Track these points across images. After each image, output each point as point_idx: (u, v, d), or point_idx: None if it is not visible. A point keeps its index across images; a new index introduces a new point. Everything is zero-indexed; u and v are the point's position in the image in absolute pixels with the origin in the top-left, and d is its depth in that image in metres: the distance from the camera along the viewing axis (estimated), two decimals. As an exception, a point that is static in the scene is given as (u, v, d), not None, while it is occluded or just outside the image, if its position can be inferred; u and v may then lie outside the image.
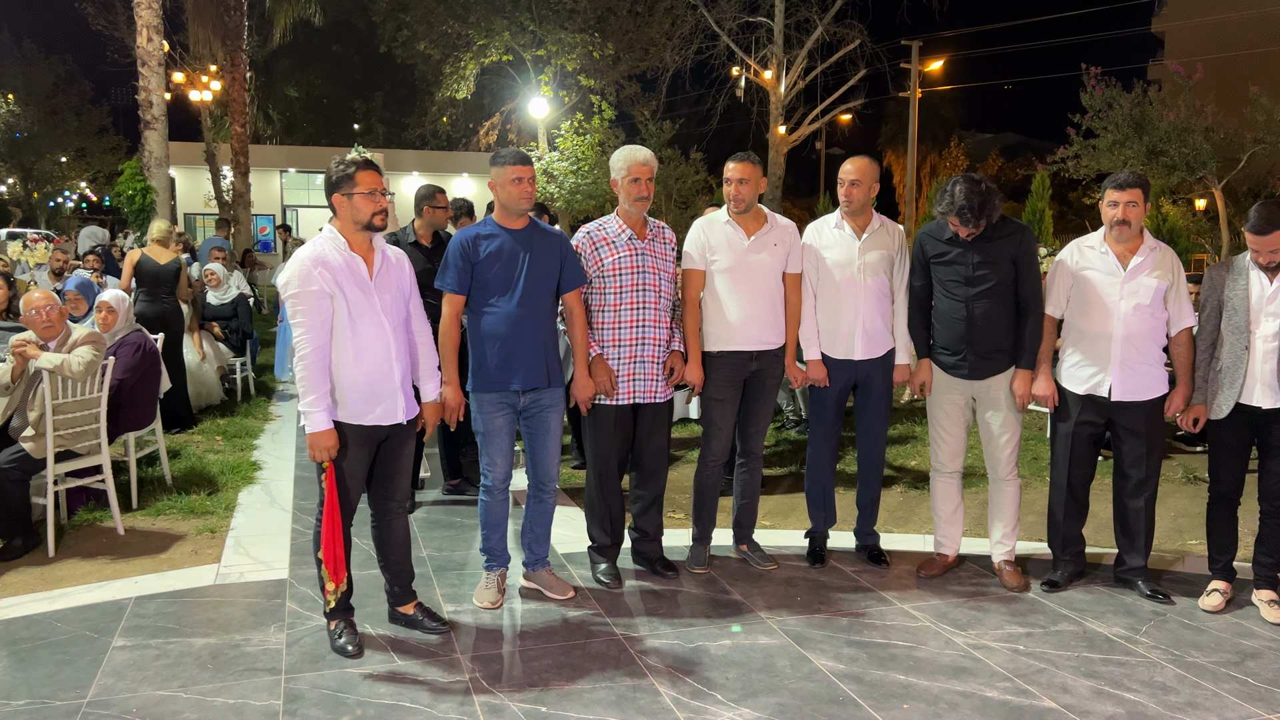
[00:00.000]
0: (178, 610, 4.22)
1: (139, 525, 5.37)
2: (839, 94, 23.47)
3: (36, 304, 5.03)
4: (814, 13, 22.39)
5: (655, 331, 4.42)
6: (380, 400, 3.71)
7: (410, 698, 3.46)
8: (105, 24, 24.10)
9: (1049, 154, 13.99)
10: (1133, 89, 12.85)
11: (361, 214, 3.64)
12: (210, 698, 3.45)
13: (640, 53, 24.60)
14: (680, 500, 5.84)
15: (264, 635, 3.97)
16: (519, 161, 4.09)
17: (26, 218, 42.78)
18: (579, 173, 22.56)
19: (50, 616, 4.14)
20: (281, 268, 7.20)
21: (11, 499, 4.84)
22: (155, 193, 13.37)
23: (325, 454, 3.61)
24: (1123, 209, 4.26)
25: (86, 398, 5.05)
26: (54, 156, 42.57)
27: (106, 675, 3.61)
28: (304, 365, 3.58)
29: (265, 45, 27.07)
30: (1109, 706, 3.46)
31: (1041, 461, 6.81)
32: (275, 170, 33.18)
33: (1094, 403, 4.40)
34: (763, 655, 3.83)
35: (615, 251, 4.37)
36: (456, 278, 4.10)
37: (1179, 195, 14.40)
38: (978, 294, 4.38)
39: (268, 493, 6.06)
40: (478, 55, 25.13)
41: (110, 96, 43.27)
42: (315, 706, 3.39)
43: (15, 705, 3.39)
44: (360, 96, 38.62)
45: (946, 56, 32.97)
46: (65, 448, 4.99)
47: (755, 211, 4.57)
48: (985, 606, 4.34)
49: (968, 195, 4.23)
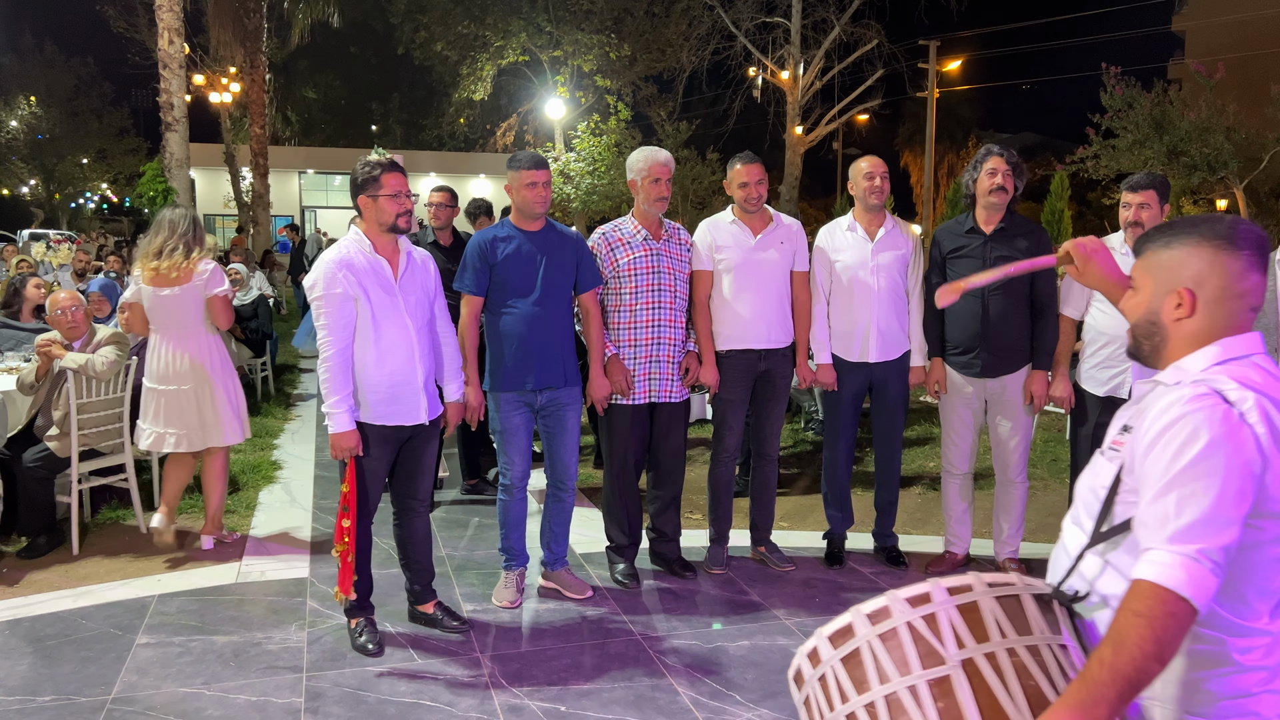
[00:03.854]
0: (200, 608, 4.26)
1: (161, 524, 5.42)
2: (856, 94, 23.41)
3: (62, 304, 5.08)
4: (831, 13, 22.34)
5: (671, 331, 4.44)
6: (403, 401, 3.74)
7: (430, 696, 3.49)
8: (126, 26, 24.35)
9: (1068, 154, 13.90)
10: (1153, 88, 12.76)
11: (386, 215, 3.66)
12: (233, 695, 3.49)
13: (657, 53, 24.60)
14: (697, 501, 5.85)
15: (285, 633, 4.01)
16: (533, 166, 4.10)
17: (48, 219, 43.16)
18: (595, 173, 22.60)
19: (75, 613, 4.19)
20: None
21: (37, 497, 4.89)
22: (176, 194, 13.48)
23: (347, 454, 3.65)
24: (1135, 211, 4.25)
25: (110, 397, 5.10)
26: (75, 158, 42.93)
27: (131, 672, 3.65)
28: (327, 367, 3.62)
29: (284, 47, 27.25)
30: (1129, 709, 3.44)
31: (1062, 464, 6.77)
32: (294, 171, 33.42)
33: (1114, 405, 4.38)
34: (781, 656, 3.84)
35: (631, 252, 4.38)
36: (475, 279, 4.13)
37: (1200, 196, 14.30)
38: (994, 290, 4.38)
39: (288, 492, 6.10)
40: (495, 56, 25.22)
41: (131, 98, 43.50)
42: (337, 704, 3.42)
43: (41, 701, 3.43)
44: (378, 98, 38.84)
45: (964, 56, 32.84)
46: (89, 447, 5.05)
47: (761, 210, 4.58)
48: (1004, 608, 4.33)
49: (1004, 144, 4.46)
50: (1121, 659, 1.41)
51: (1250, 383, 1.53)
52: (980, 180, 4.41)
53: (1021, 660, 1.51)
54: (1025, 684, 1.50)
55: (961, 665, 1.50)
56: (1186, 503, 1.45)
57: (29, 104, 41.44)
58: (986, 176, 4.38)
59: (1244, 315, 1.61)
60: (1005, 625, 1.54)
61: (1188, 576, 1.41)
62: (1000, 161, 4.38)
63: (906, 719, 1.49)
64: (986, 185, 4.37)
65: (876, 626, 1.56)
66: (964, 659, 1.50)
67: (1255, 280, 1.60)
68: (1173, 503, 1.46)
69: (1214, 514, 1.43)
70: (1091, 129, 13.18)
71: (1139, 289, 1.71)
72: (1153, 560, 1.45)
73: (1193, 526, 1.44)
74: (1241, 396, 1.50)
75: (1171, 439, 1.49)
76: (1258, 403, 1.50)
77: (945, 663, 1.50)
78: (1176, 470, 1.47)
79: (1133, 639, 1.41)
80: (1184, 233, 1.64)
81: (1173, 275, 1.65)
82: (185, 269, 4.73)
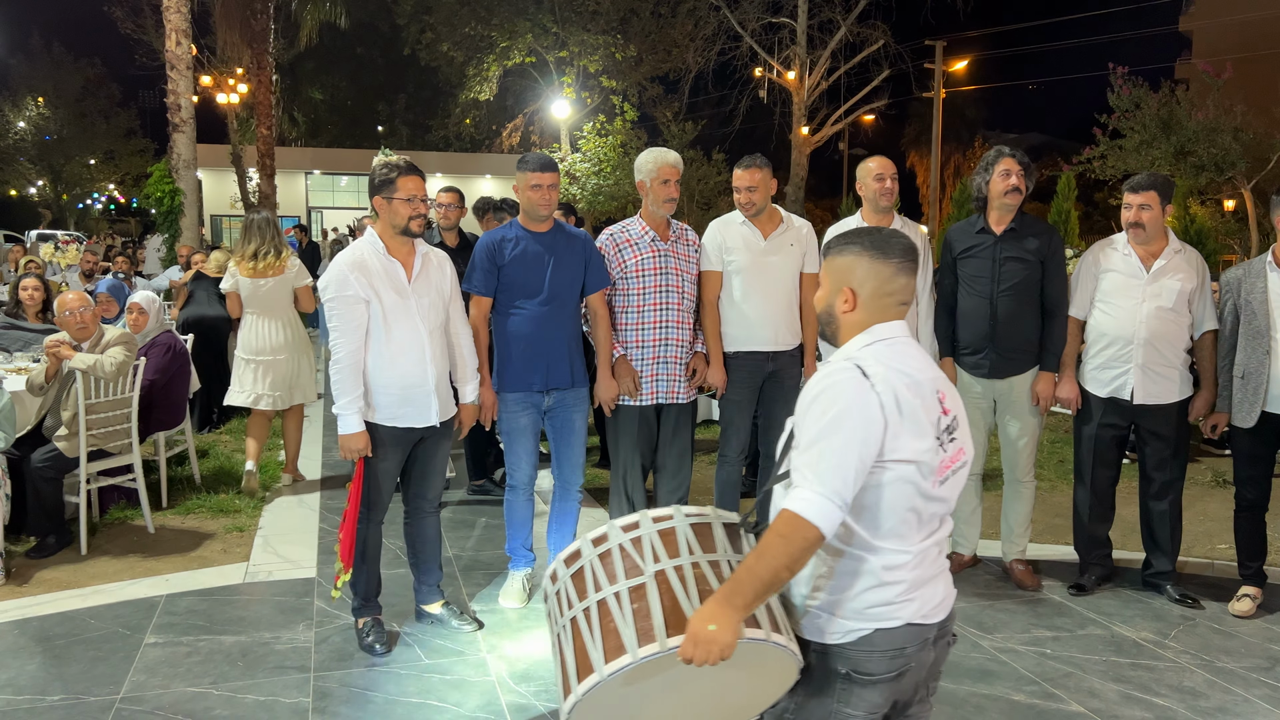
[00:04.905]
0: (208, 608, 4.28)
1: (169, 524, 5.44)
2: (862, 94, 23.34)
3: (71, 305, 5.10)
4: (837, 13, 22.31)
5: (678, 332, 4.44)
6: (414, 403, 3.75)
7: (438, 696, 3.49)
8: (134, 28, 24.41)
9: (1074, 154, 13.84)
10: (1159, 88, 12.71)
11: (399, 218, 3.66)
12: (241, 694, 3.50)
13: (663, 54, 24.61)
14: (703, 501, 5.84)
15: (293, 633, 4.02)
16: (539, 169, 4.10)
17: (56, 219, 43.30)
18: (601, 174, 22.59)
19: (83, 613, 4.20)
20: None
21: (45, 497, 4.91)
22: (184, 195, 13.52)
23: (355, 455, 3.66)
24: (1135, 211, 4.24)
25: (118, 397, 5.12)
26: (83, 159, 43.10)
27: (139, 671, 3.66)
28: (338, 368, 3.63)
29: (291, 48, 27.27)
30: (1138, 711, 3.44)
31: (1068, 465, 6.76)
32: (300, 172, 33.44)
33: (1117, 405, 4.37)
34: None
35: (638, 253, 4.38)
36: (483, 280, 4.13)
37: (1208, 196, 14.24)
38: (1003, 290, 4.37)
39: (295, 492, 6.11)
40: (501, 57, 25.25)
41: (138, 99, 43.68)
42: (344, 704, 3.43)
43: (51, 700, 3.44)
44: (384, 99, 38.87)
45: (970, 56, 32.79)
46: (97, 447, 5.07)
47: (770, 212, 4.57)
48: (1011, 610, 4.33)
49: (1010, 144, 4.50)
50: (761, 566, 1.81)
51: (884, 360, 1.92)
52: (994, 182, 4.40)
53: (702, 571, 1.93)
54: (702, 589, 1.90)
55: (654, 576, 1.90)
56: (823, 454, 1.84)
57: (37, 105, 41.60)
58: (1000, 178, 4.37)
59: (893, 309, 2.01)
60: (694, 545, 1.96)
61: (818, 510, 1.81)
62: (1013, 162, 4.38)
63: (610, 619, 1.87)
64: (1001, 187, 4.36)
65: (597, 549, 1.98)
66: (657, 571, 1.91)
67: (903, 282, 2.00)
68: (815, 453, 1.84)
69: (841, 463, 1.82)
70: (1098, 129, 13.14)
71: (822, 285, 2.10)
72: (796, 496, 1.83)
73: (825, 472, 1.82)
74: (875, 371, 1.89)
75: (817, 402, 1.89)
76: (885, 376, 1.89)
77: (643, 574, 1.91)
78: (819, 428, 1.86)
79: (771, 553, 1.81)
80: (851, 242, 2.02)
81: (841, 277, 2.03)
82: (278, 266, 6.06)
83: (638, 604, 1.87)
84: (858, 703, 1.96)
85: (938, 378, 1.99)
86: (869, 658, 1.94)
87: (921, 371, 1.95)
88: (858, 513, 1.90)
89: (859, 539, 1.93)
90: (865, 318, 2.00)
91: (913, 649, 1.96)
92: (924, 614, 1.97)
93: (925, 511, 1.94)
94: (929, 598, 1.98)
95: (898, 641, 1.94)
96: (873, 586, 1.93)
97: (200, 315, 7.67)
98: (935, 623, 2.00)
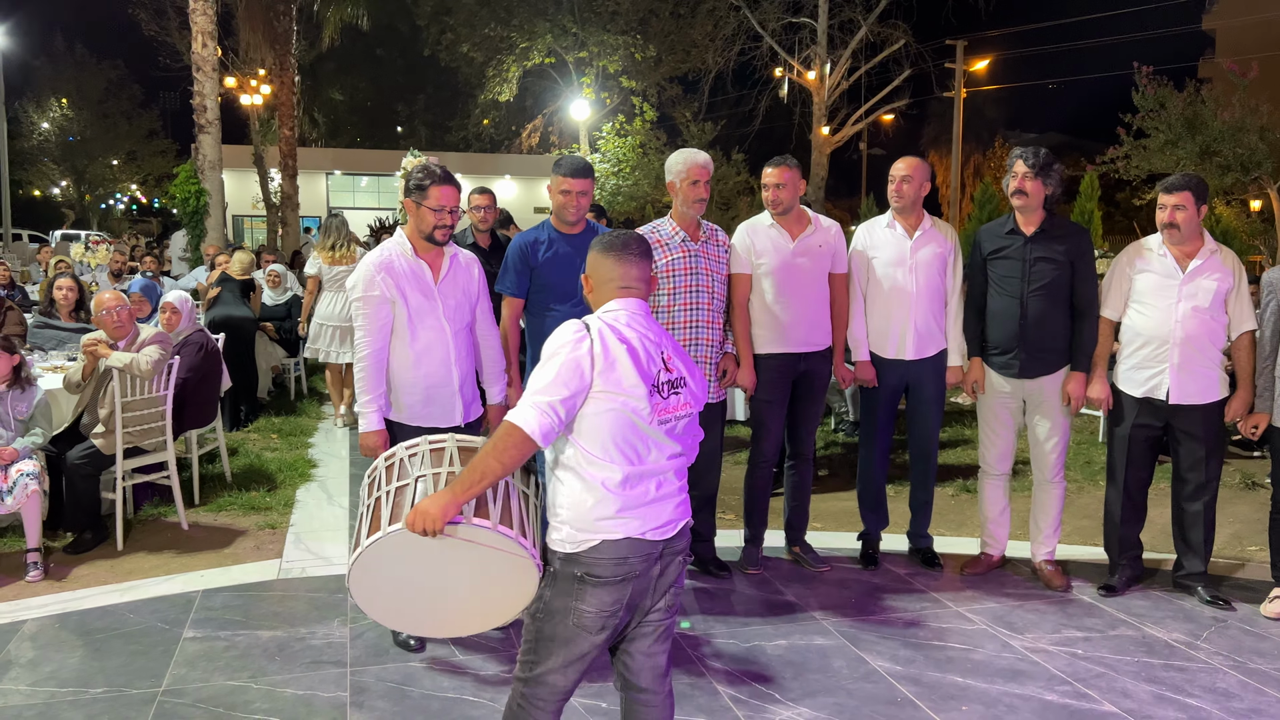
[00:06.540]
0: (244, 603, 4.34)
1: (202, 520, 5.51)
2: (883, 94, 23.25)
3: (108, 305, 5.18)
4: (858, 13, 22.23)
5: (708, 333, 4.46)
6: (438, 403, 3.78)
7: (473, 691, 3.53)
8: (157, 29, 24.57)
9: (1096, 154, 13.75)
10: (1184, 88, 12.60)
11: (425, 225, 3.69)
12: (280, 689, 3.55)
13: (682, 54, 24.60)
14: (731, 501, 5.86)
15: (328, 629, 4.07)
16: (570, 174, 4.12)
17: (79, 219, 43.71)
18: (620, 174, 22.62)
19: (122, 608, 4.27)
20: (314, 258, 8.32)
21: (82, 494, 4.99)
22: (209, 195, 13.64)
23: (371, 454, 3.69)
24: (1169, 212, 4.24)
25: (153, 395, 5.19)
26: (105, 159, 43.44)
27: (179, 665, 3.72)
28: (362, 366, 3.68)
29: (312, 49, 27.44)
30: (1171, 711, 3.44)
31: (1094, 465, 6.74)
32: (321, 173, 33.64)
33: (1151, 405, 4.37)
34: (819, 656, 3.86)
35: (669, 254, 4.41)
36: (516, 281, 4.17)
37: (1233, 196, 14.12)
38: (1033, 290, 4.38)
39: (324, 490, 6.18)
40: (520, 58, 25.31)
41: (160, 100, 44.00)
42: (381, 699, 3.48)
43: (94, 693, 3.50)
44: (404, 100, 39.05)
45: (991, 56, 32.64)
46: (133, 444, 5.14)
47: (798, 213, 4.58)
48: (1041, 610, 4.33)
49: (1031, 144, 4.54)
50: (477, 459, 2.33)
51: (604, 320, 2.47)
52: (1006, 183, 4.47)
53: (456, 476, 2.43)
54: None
55: (415, 479, 2.50)
56: (536, 377, 2.37)
57: (60, 106, 41.98)
58: (1010, 180, 4.43)
59: (618, 290, 2.54)
60: (456, 460, 2.54)
61: (522, 415, 2.31)
62: (1020, 164, 4.39)
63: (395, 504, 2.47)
64: (1009, 188, 4.42)
65: (407, 451, 2.61)
66: (418, 475, 2.51)
67: (623, 270, 2.54)
68: (533, 379, 2.38)
69: (552, 384, 2.33)
70: (1122, 129, 13.05)
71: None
72: (518, 407, 2.34)
73: (538, 390, 2.34)
74: (595, 325, 2.44)
75: (549, 346, 2.42)
76: (599, 330, 2.42)
77: (408, 478, 2.52)
78: (542, 361, 2.41)
79: (491, 451, 2.32)
80: (598, 242, 2.59)
81: (590, 267, 2.60)
82: (349, 256, 7.98)
83: (400, 496, 2.48)
84: (591, 600, 2.39)
85: (667, 344, 2.52)
86: (598, 563, 2.38)
87: (645, 336, 2.47)
88: (584, 435, 2.39)
89: (585, 456, 2.39)
90: (601, 297, 2.56)
91: (635, 560, 2.40)
92: (644, 531, 2.40)
93: (644, 443, 2.42)
94: (652, 518, 2.42)
95: (621, 551, 2.38)
96: (598, 502, 2.37)
97: (227, 315, 7.74)
98: (659, 540, 2.44)
